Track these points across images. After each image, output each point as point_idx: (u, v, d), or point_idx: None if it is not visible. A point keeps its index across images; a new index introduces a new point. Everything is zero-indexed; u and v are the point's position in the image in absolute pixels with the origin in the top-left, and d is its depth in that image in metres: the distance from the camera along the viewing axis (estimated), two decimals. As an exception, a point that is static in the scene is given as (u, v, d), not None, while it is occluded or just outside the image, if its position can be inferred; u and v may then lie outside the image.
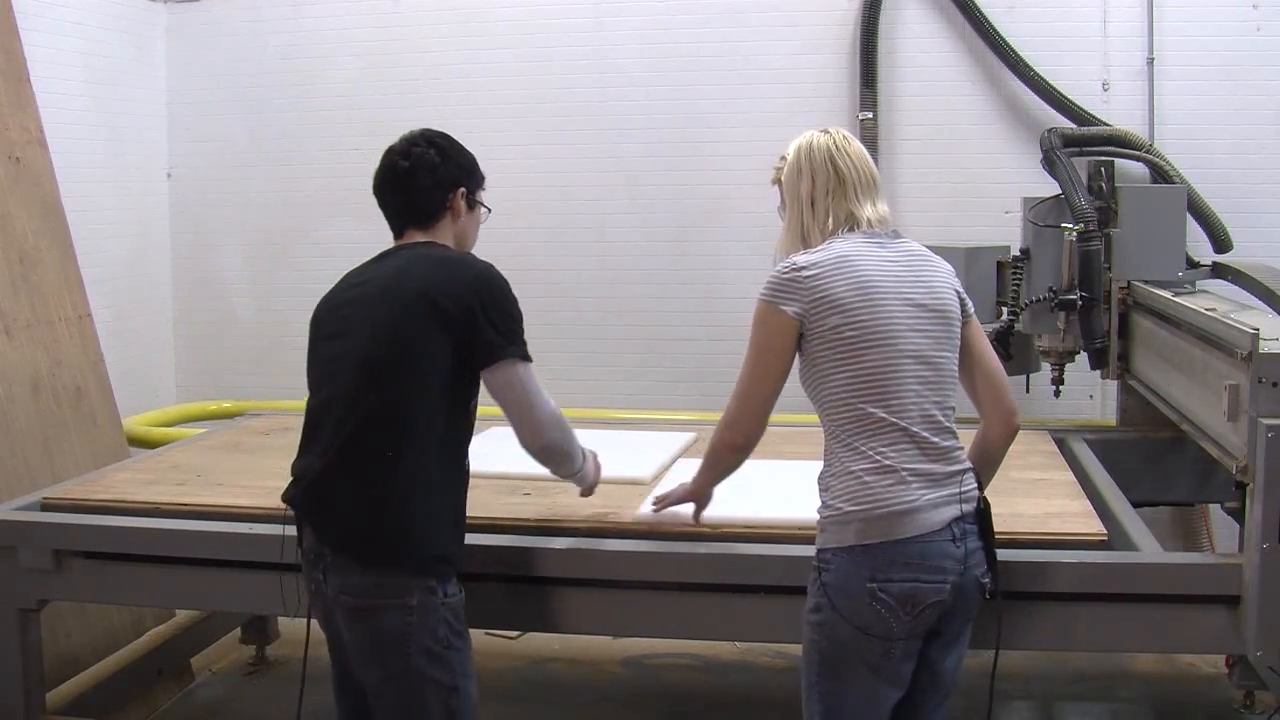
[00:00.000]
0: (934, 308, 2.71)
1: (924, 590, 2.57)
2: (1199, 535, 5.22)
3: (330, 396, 2.78)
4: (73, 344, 4.65)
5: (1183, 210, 4.61)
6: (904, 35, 5.65)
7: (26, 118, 4.67)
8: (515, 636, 4.89)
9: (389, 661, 2.70)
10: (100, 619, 4.37)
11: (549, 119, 5.93)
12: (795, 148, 2.88)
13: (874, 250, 2.72)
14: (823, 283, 2.64)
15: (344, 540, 2.71)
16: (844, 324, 2.61)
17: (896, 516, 2.57)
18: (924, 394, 2.64)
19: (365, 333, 2.74)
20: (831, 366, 2.64)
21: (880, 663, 2.61)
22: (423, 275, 2.75)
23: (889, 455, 2.60)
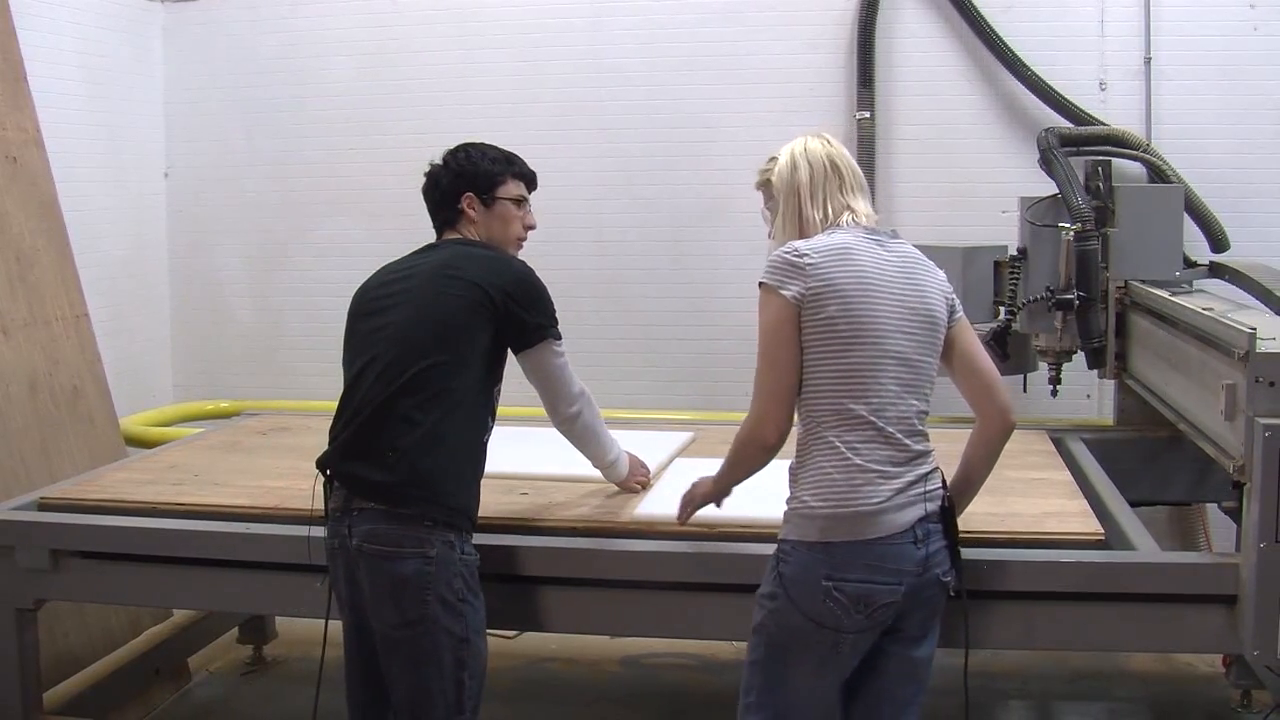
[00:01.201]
0: (922, 312, 2.73)
1: (878, 592, 2.61)
2: (1196, 535, 5.23)
3: (367, 365, 2.98)
4: (70, 344, 4.65)
5: (1180, 210, 4.62)
6: (901, 35, 5.65)
7: (23, 117, 4.67)
8: (513, 636, 4.88)
9: (407, 606, 2.86)
10: (97, 619, 4.37)
11: (546, 119, 5.93)
12: (789, 148, 2.92)
13: (873, 246, 2.74)
14: (824, 269, 2.65)
15: (372, 488, 2.89)
16: (839, 315, 2.63)
17: (862, 517, 2.60)
18: (902, 395, 2.68)
19: (409, 309, 2.99)
20: (819, 356, 2.65)
21: (828, 655, 2.65)
22: (467, 264, 3.04)
23: (862, 453, 2.62)
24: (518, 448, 3.87)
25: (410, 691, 2.92)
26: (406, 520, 2.87)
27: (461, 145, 3.31)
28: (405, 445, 2.89)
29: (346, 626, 3.05)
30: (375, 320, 3.04)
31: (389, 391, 2.91)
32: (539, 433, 3.45)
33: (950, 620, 2.86)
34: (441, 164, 3.26)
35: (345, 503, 2.95)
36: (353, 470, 2.94)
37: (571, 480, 3.60)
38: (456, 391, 2.94)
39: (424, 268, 3.07)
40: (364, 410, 2.94)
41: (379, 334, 3.00)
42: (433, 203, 3.25)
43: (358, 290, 3.18)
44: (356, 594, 2.96)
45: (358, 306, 3.14)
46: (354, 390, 3.00)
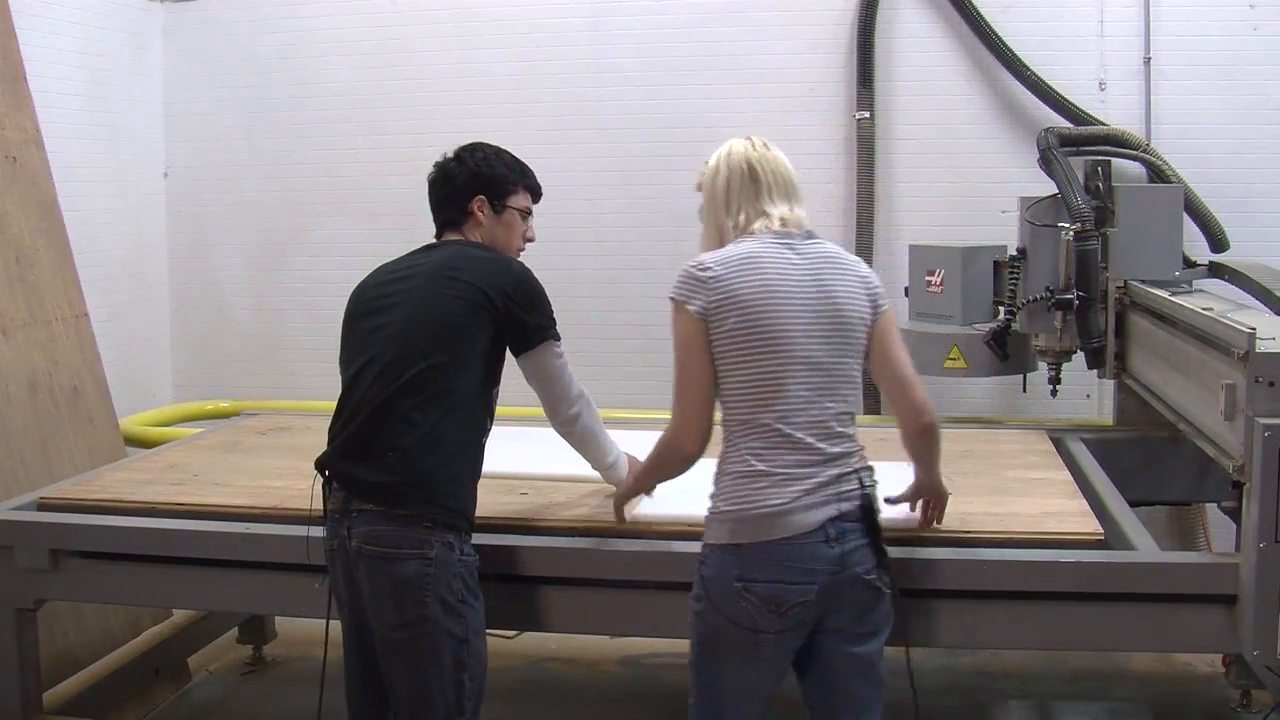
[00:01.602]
0: (833, 314, 2.76)
1: (788, 592, 2.65)
2: (1196, 535, 5.23)
3: (366, 365, 2.97)
4: (69, 344, 4.65)
5: (1180, 210, 4.62)
6: (901, 35, 5.65)
7: (23, 117, 4.67)
8: (512, 636, 4.88)
9: (406, 607, 2.86)
10: (97, 619, 4.37)
11: (545, 119, 5.93)
12: (716, 153, 2.95)
13: (782, 251, 2.77)
14: (726, 282, 2.72)
15: (371, 489, 2.89)
16: (740, 326, 2.70)
17: (766, 518, 2.65)
18: (815, 400, 2.71)
19: (408, 309, 2.98)
20: (728, 367, 2.73)
21: (751, 653, 2.70)
22: (468, 266, 3.03)
23: (766, 458, 2.68)
24: (518, 448, 3.87)
25: (410, 692, 2.92)
26: (406, 521, 2.87)
27: (477, 145, 3.30)
28: (404, 446, 2.88)
29: (346, 627, 3.05)
30: (374, 320, 3.03)
31: (388, 392, 2.90)
32: (539, 433, 3.45)
33: (965, 621, 2.86)
34: (455, 160, 3.24)
35: (344, 504, 2.94)
36: (352, 471, 2.94)
37: (571, 480, 3.60)
38: (456, 392, 2.94)
39: (424, 268, 3.06)
40: (363, 410, 2.93)
41: (378, 334, 2.99)
42: (440, 198, 3.23)
43: (355, 289, 3.17)
44: (356, 595, 2.96)
45: (356, 306, 3.13)
46: (353, 390, 2.99)
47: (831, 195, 5.75)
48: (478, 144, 3.30)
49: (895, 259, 5.54)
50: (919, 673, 4.74)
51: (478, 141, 3.31)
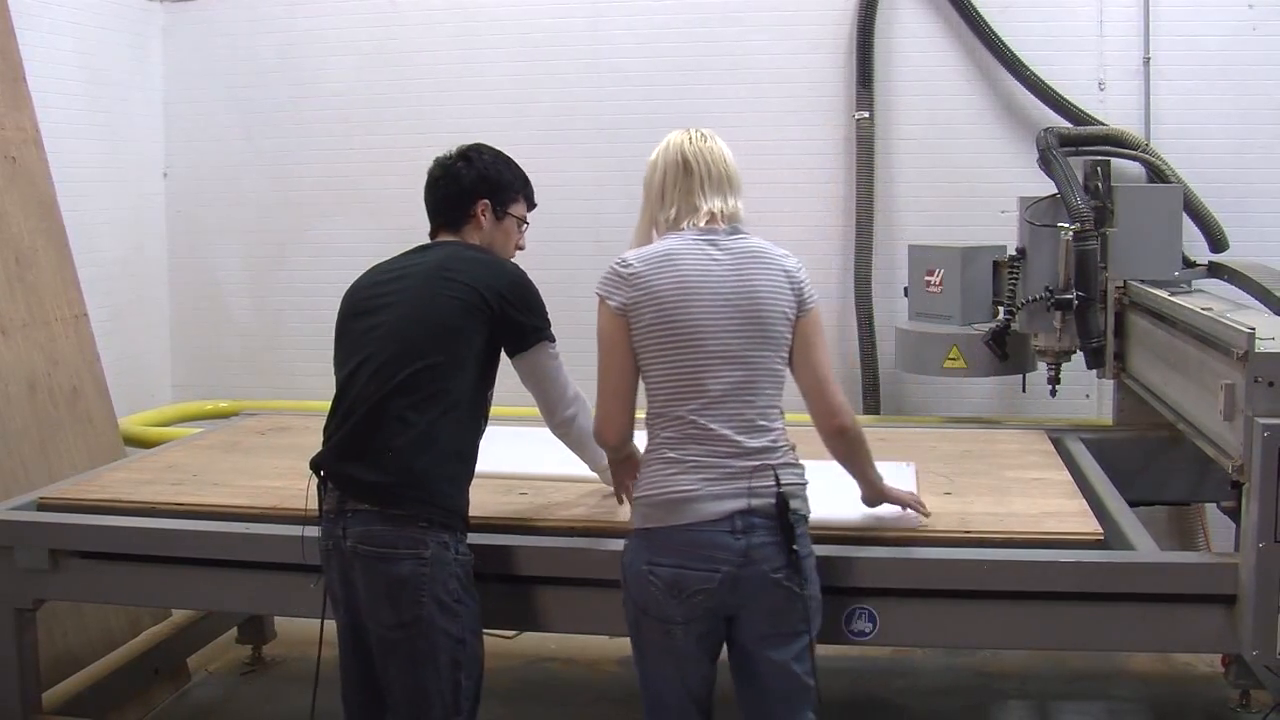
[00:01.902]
0: (754, 309, 2.78)
1: (689, 577, 2.71)
2: (1195, 534, 5.23)
3: (361, 364, 2.96)
4: (69, 344, 4.65)
5: (1179, 210, 4.62)
6: (900, 35, 5.65)
7: (22, 117, 4.67)
8: (512, 636, 4.88)
9: (402, 607, 2.86)
10: (97, 619, 4.37)
11: (546, 119, 5.93)
12: (659, 147, 3.00)
13: (703, 248, 2.82)
14: (644, 279, 2.79)
15: (367, 489, 2.88)
16: (657, 321, 2.76)
17: (672, 504, 2.72)
18: (733, 394, 2.75)
19: (404, 309, 2.97)
20: (646, 362, 2.80)
21: (664, 642, 2.79)
22: (464, 267, 3.02)
23: (678, 447, 2.75)
24: (516, 447, 3.86)
25: (407, 692, 2.92)
26: (401, 521, 2.87)
27: (481, 146, 3.29)
28: (400, 445, 2.88)
29: (341, 627, 3.04)
30: (369, 320, 3.02)
31: (383, 391, 2.90)
32: (537, 433, 3.45)
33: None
34: (463, 160, 3.22)
35: (339, 504, 2.94)
36: (347, 471, 2.93)
37: (569, 480, 3.60)
38: (451, 393, 2.93)
39: (419, 268, 3.05)
40: (358, 410, 2.93)
41: (373, 333, 2.99)
42: (443, 198, 3.21)
43: (350, 289, 3.17)
44: (352, 595, 2.95)
45: (350, 305, 3.12)
46: (347, 390, 2.99)
47: (831, 195, 5.75)
48: (482, 145, 3.29)
49: (895, 259, 5.54)
50: (919, 673, 4.78)
51: (480, 143, 3.30)
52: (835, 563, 3.08)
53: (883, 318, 5.61)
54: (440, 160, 3.24)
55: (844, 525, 3.23)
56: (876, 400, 5.66)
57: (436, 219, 3.22)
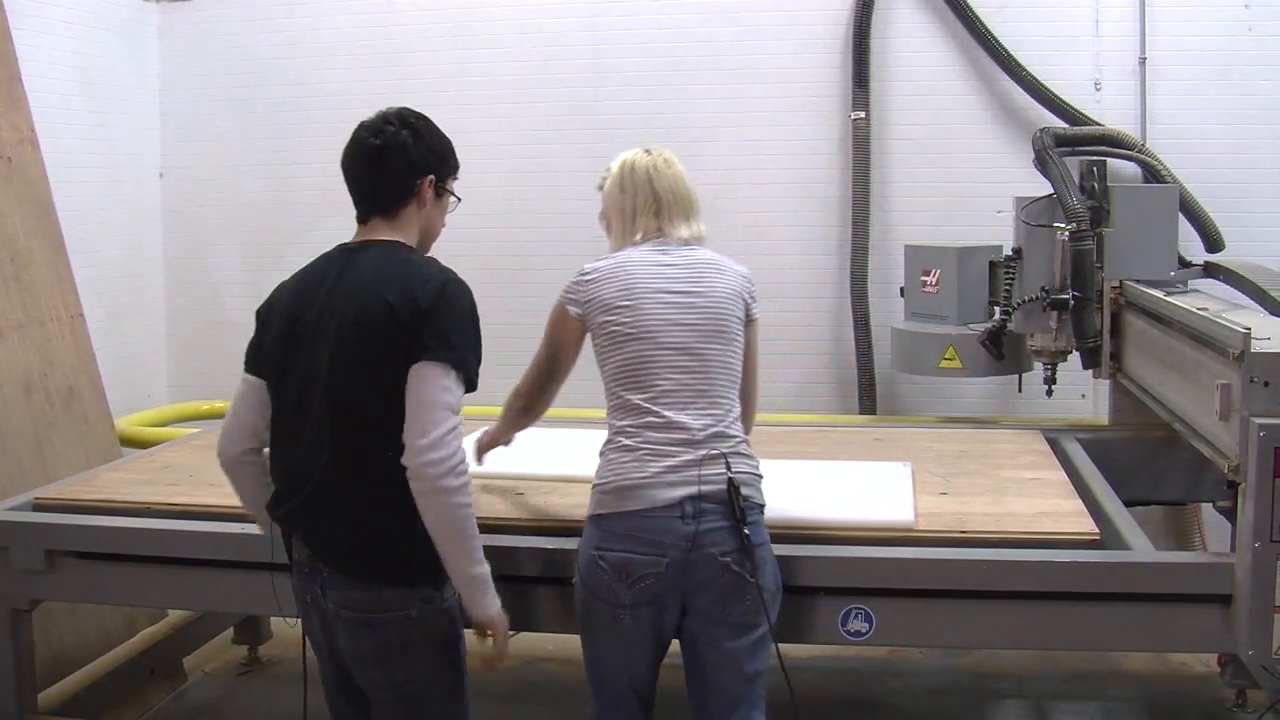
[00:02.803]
0: (703, 306, 2.91)
1: (637, 562, 2.76)
2: (1191, 534, 5.23)
3: (304, 409, 2.67)
4: (65, 344, 4.64)
5: (1175, 210, 4.62)
6: (896, 35, 5.65)
7: (18, 117, 4.66)
8: (509, 636, 4.88)
9: (393, 670, 2.70)
10: (93, 619, 4.36)
11: (543, 118, 5.93)
12: (619, 163, 3.10)
13: (654, 257, 2.96)
14: (597, 287, 2.92)
15: (343, 559, 2.66)
16: (609, 320, 2.89)
17: (624, 490, 2.79)
18: (685, 382, 2.85)
19: (333, 349, 2.63)
20: (602, 357, 2.93)
21: (613, 626, 2.83)
22: (384, 283, 2.62)
23: (633, 434, 2.83)
24: (512, 447, 3.86)
25: None
26: (383, 585, 2.65)
27: (411, 111, 2.84)
28: (366, 512, 2.63)
29: (326, 670, 2.86)
30: (307, 360, 2.69)
31: (336, 454, 2.61)
32: (534, 433, 3.44)
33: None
34: (405, 128, 2.78)
35: (312, 560, 2.71)
36: (316, 539, 2.69)
37: (566, 480, 3.60)
38: (395, 437, 2.57)
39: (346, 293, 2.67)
40: (313, 473, 2.63)
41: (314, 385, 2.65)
42: (384, 175, 2.77)
43: (281, 295, 2.87)
44: (336, 645, 2.76)
45: (287, 324, 2.76)
46: (296, 442, 2.69)
47: (827, 195, 5.75)
48: (410, 111, 2.84)
49: (891, 259, 5.54)
50: (915, 673, 4.77)
51: (403, 108, 2.85)
52: (831, 563, 3.08)
53: (879, 318, 5.61)
54: (372, 126, 2.79)
55: (838, 525, 3.23)
56: (873, 400, 5.66)
57: (369, 201, 2.82)
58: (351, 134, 2.86)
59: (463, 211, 3.04)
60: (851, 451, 4.23)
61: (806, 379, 5.73)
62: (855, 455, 4.15)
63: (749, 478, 2.86)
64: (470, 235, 6.04)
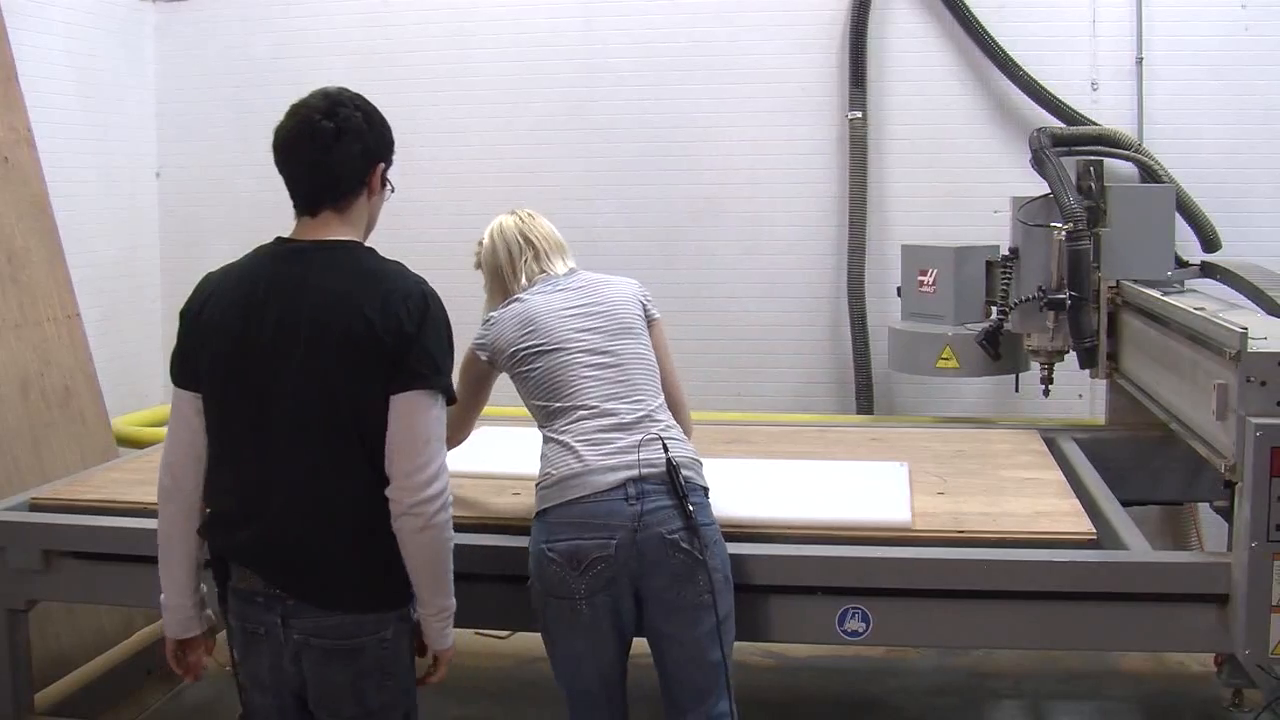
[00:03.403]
0: (606, 311, 3.09)
1: (586, 547, 2.79)
2: (1188, 534, 5.24)
3: (257, 430, 2.47)
4: (61, 344, 4.64)
5: (1171, 210, 4.63)
6: (893, 35, 5.66)
7: (15, 117, 4.66)
8: (505, 636, 4.88)
9: (368, 697, 2.53)
10: (89, 619, 4.36)
11: (539, 118, 5.93)
12: (489, 231, 3.29)
13: (544, 290, 3.13)
14: (497, 329, 3.09)
15: (313, 587, 2.47)
16: (516, 349, 3.03)
17: (564, 481, 2.85)
18: (604, 376, 2.98)
19: (304, 368, 2.44)
20: (519, 381, 3.06)
21: (573, 620, 2.84)
22: (361, 297, 2.46)
23: (565, 431, 2.92)
24: (509, 447, 3.86)
25: None
26: (359, 609, 2.49)
27: (348, 93, 2.63)
28: (339, 540, 2.47)
29: (268, 706, 2.61)
30: (260, 371, 2.48)
31: (301, 477, 2.45)
32: (529, 432, 3.43)
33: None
34: (359, 112, 2.58)
35: (269, 589, 2.49)
36: (283, 571, 2.49)
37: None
38: (372, 462, 2.45)
39: (307, 304, 2.49)
40: (274, 502, 2.47)
41: (271, 408, 2.46)
42: (339, 162, 2.56)
43: (214, 307, 2.66)
44: (286, 681, 2.53)
45: (229, 338, 2.55)
46: (247, 462, 2.50)
47: (824, 195, 5.75)
48: (352, 92, 2.65)
49: (888, 259, 5.54)
50: (912, 672, 4.77)
51: (344, 88, 2.65)
52: (828, 562, 3.09)
53: (876, 318, 5.61)
54: (320, 108, 2.58)
55: (834, 525, 3.23)
56: (870, 400, 5.66)
57: (318, 191, 2.62)
58: (290, 113, 2.63)
59: (460, 211, 3.08)
60: (848, 451, 4.24)
61: (803, 379, 5.73)
62: (852, 455, 4.15)
63: (688, 460, 2.92)
64: (467, 235, 6.05)
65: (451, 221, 5.87)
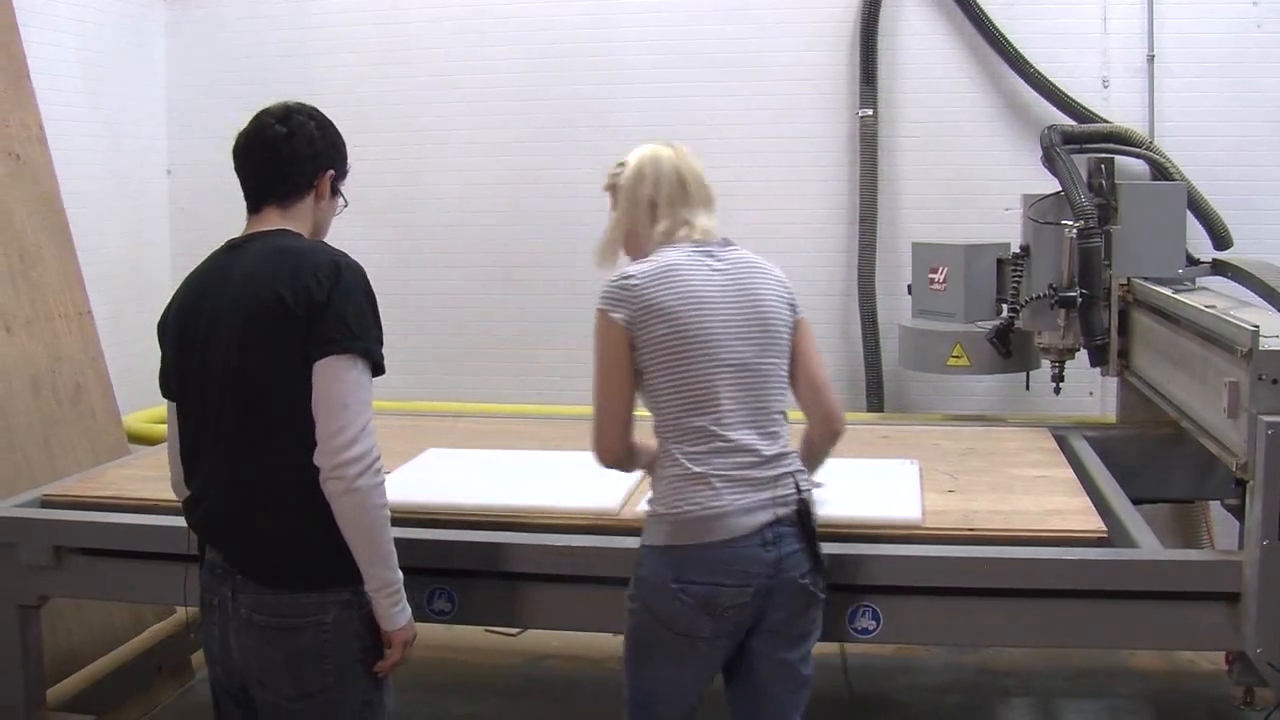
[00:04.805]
0: (756, 317, 2.76)
1: (724, 594, 2.65)
2: (1199, 532, 5.22)
3: (204, 418, 2.60)
4: (72, 341, 4.65)
5: (1183, 207, 4.61)
6: (904, 32, 5.65)
7: (26, 115, 4.67)
8: (515, 633, 4.89)
9: (306, 679, 2.53)
10: (100, 615, 4.37)
11: (549, 116, 5.92)
12: (638, 155, 2.95)
13: (702, 260, 2.78)
14: (649, 291, 2.71)
15: (253, 565, 2.54)
16: (669, 333, 2.69)
17: (704, 521, 2.64)
18: (746, 400, 2.71)
19: (227, 351, 2.54)
20: (656, 374, 2.71)
21: (686, 655, 2.71)
22: (273, 274, 2.52)
23: (701, 461, 2.67)
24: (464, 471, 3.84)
25: None
26: (297, 588, 2.52)
27: (306, 106, 2.79)
28: (277, 516, 2.52)
29: (219, 691, 2.69)
30: (198, 359, 2.63)
31: (237, 452, 2.54)
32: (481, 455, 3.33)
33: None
34: (311, 120, 2.74)
35: (225, 563, 2.58)
36: (228, 545, 2.58)
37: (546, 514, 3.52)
38: (304, 434, 2.49)
39: (233, 287, 2.59)
40: (219, 475, 2.57)
41: (208, 382, 2.59)
42: (287, 163, 2.69)
43: (174, 306, 2.81)
44: (230, 658, 2.59)
45: (179, 335, 2.73)
46: (199, 445, 2.63)
47: (834, 193, 5.75)
48: (304, 105, 2.80)
49: (898, 256, 5.54)
50: (922, 670, 4.77)
51: (302, 103, 2.81)
52: (839, 560, 3.07)
53: (886, 315, 5.61)
54: (277, 114, 2.74)
55: (845, 523, 3.22)
56: (880, 398, 5.66)
57: (265, 190, 2.73)
58: (252, 121, 2.81)
59: (470, 209, 3.03)
60: (859, 449, 4.21)
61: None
62: (862, 453, 4.14)
63: (812, 492, 2.82)
64: (478, 232, 6.06)
65: (460, 219, 5.89)
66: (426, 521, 3.29)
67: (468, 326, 5.97)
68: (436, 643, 4.18)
